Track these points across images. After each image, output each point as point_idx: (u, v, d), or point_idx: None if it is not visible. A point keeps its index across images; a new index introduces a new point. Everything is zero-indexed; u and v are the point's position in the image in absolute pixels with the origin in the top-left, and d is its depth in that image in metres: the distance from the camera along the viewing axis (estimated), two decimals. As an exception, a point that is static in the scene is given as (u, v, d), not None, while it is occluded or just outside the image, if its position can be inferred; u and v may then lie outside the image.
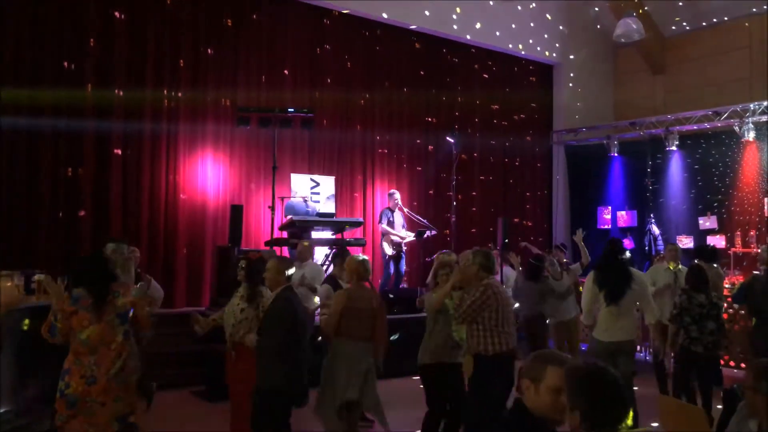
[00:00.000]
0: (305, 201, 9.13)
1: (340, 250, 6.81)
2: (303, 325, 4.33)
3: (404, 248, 9.51)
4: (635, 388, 6.57)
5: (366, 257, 5.15)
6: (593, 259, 7.14)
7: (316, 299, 6.55)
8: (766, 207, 10.06)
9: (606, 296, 5.32)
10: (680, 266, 7.25)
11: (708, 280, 5.93)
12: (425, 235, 9.50)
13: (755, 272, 7.22)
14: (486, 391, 4.48)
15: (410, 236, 9.48)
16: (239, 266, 4.93)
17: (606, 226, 12.31)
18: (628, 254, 9.28)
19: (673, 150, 11.23)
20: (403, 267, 9.64)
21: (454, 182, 9.84)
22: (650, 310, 5.55)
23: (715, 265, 7.54)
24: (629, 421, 2.06)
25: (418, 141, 11.37)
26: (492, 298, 4.52)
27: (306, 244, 7.22)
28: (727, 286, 8.46)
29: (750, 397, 2.77)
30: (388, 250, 9.35)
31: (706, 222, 10.84)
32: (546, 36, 12.74)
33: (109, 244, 5.62)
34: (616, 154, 12.22)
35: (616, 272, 5.38)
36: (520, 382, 2.40)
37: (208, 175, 9.24)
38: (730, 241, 10.34)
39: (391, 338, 5.89)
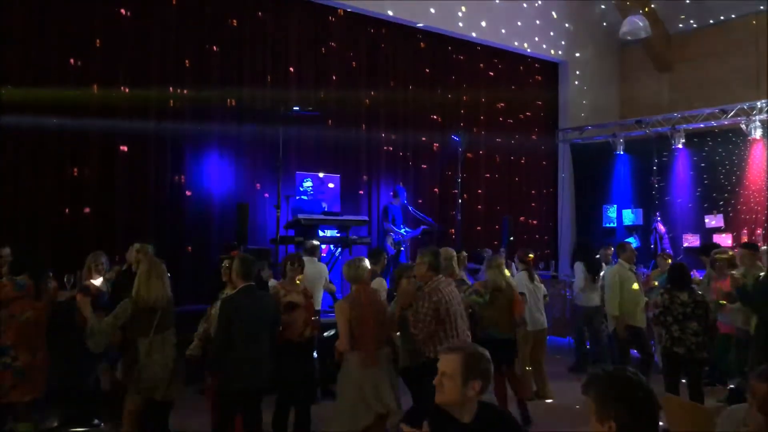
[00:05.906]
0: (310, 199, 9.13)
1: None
2: (242, 325, 4.29)
3: (403, 247, 9.45)
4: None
5: (362, 258, 4.88)
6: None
7: None
8: (772, 205, 10.03)
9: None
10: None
11: (690, 278, 5.81)
12: (428, 232, 9.45)
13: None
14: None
15: (411, 234, 9.39)
16: (223, 267, 4.92)
17: (611, 224, 12.28)
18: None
19: (679, 148, 11.19)
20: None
21: (459, 180, 9.81)
22: None
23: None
24: None
25: (424, 139, 11.33)
26: (440, 303, 4.55)
27: (315, 243, 7.22)
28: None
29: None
30: (390, 249, 9.30)
31: (713, 220, 10.80)
32: (552, 34, 12.70)
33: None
34: (621, 152, 12.21)
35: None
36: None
37: (213, 174, 9.24)
38: (737, 240, 10.30)
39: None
